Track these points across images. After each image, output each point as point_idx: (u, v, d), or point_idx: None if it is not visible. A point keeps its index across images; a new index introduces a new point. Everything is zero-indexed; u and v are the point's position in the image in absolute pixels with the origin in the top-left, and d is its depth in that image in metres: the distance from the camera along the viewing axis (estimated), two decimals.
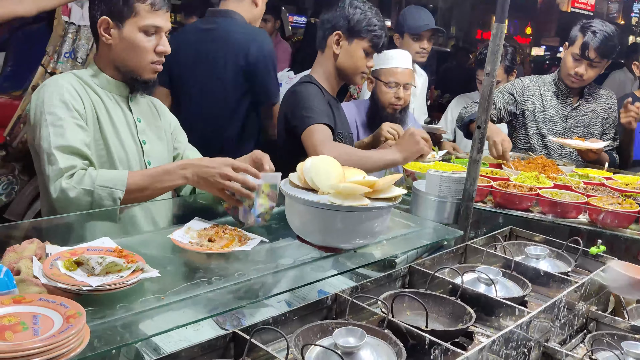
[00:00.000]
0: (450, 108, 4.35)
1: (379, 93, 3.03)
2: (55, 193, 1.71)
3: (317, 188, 1.66)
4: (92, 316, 1.17)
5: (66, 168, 1.74)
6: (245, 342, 1.22)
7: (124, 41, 1.89)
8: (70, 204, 1.72)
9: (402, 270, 1.73)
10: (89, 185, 1.72)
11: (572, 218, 2.24)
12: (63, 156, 1.75)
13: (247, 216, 1.74)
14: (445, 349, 1.31)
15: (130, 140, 1.94)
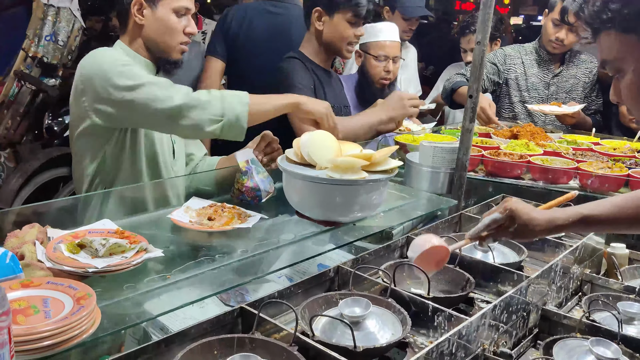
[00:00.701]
0: (441, 79, 4.35)
1: (368, 67, 3.02)
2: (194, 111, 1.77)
3: (314, 163, 1.66)
4: (99, 297, 1.17)
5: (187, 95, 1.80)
6: (253, 316, 1.24)
7: (157, 22, 1.92)
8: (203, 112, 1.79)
9: (400, 241, 1.76)
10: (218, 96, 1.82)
11: (563, 184, 2.27)
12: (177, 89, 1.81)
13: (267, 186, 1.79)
14: (449, 314, 1.34)
15: (164, 138, 2.02)
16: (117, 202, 1.78)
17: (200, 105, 1.78)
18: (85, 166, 1.90)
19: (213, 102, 1.81)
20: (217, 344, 1.16)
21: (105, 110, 1.81)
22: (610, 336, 1.46)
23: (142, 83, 1.78)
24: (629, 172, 2.21)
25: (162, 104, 1.76)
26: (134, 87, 1.77)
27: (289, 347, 1.15)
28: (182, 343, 1.16)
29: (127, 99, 1.76)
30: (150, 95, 1.76)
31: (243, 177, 1.74)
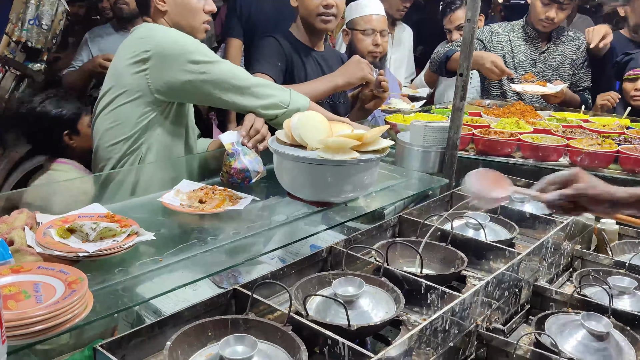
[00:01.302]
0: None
1: (357, 42, 2.99)
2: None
3: (305, 144, 1.65)
4: (92, 281, 1.16)
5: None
6: (246, 298, 1.24)
7: (178, 5, 1.96)
8: None
9: (392, 221, 1.76)
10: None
11: (553, 161, 2.28)
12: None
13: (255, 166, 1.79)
14: (442, 292, 1.35)
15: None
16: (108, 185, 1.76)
17: (270, 88, 1.96)
18: (122, 139, 1.92)
19: (281, 89, 2.01)
20: (211, 325, 1.16)
21: (175, 82, 1.85)
22: (601, 310, 1.47)
23: (219, 60, 1.90)
24: (618, 148, 2.22)
25: (238, 80, 1.89)
26: (213, 62, 1.87)
27: (283, 326, 1.15)
28: (176, 325, 1.16)
29: (206, 72, 1.85)
30: (228, 71, 1.89)
31: (230, 159, 1.73)
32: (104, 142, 1.93)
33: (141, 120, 1.89)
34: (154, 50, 1.83)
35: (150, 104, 1.88)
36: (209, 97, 1.90)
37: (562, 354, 1.25)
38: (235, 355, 1.04)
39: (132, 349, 1.10)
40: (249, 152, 1.79)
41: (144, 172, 1.86)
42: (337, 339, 1.10)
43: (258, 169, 1.80)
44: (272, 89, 1.98)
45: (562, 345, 1.32)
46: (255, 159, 1.80)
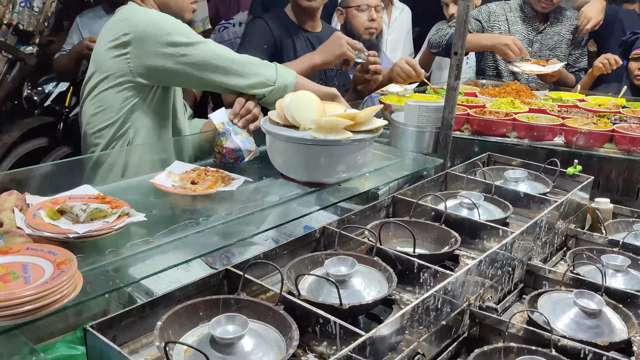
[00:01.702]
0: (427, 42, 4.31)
1: (352, 20, 2.95)
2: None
3: (298, 124, 1.64)
4: (82, 263, 1.15)
5: None
6: (238, 278, 1.23)
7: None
8: None
9: (386, 201, 1.75)
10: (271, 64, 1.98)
11: (549, 141, 2.28)
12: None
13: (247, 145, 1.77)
14: (434, 271, 1.34)
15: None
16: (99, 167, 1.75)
17: (255, 66, 1.91)
18: (107, 124, 1.89)
19: (267, 66, 1.95)
20: (202, 305, 1.15)
21: (156, 66, 1.82)
22: (594, 288, 1.47)
23: (201, 40, 1.85)
24: (613, 127, 2.21)
25: (220, 60, 1.84)
26: (193, 44, 1.82)
27: (275, 306, 1.15)
28: (167, 306, 1.15)
29: (186, 54, 1.81)
30: (211, 51, 1.84)
31: (221, 139, 1.71)
32: (90, 128, 1.91)
33: (125, 105, 1.86)
34: (133, 33, 1.79)
35: (134, 88, 1.85)
36: (192, 80, 1.87)
37: (554, 332, 1.25)
38: (226, 335, 1.03)
39: (123, 330, 1.10)
40: (240, 131, 1.78)
41: (135, 154, 1.85)
42: (329, 318, 1.10)
43: (250, 148, 1.79)
44: (257, 66, 1.93)
45: (554, 323, 1.32)
46: (247, 138, 1.79)
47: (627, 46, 3.13)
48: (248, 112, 1.86)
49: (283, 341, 1.10)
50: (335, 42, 2.31)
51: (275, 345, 1.09)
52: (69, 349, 1.19)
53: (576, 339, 1.26)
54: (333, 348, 1.12)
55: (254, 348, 1.05)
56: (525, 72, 3.13)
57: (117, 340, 1.09)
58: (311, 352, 1.14)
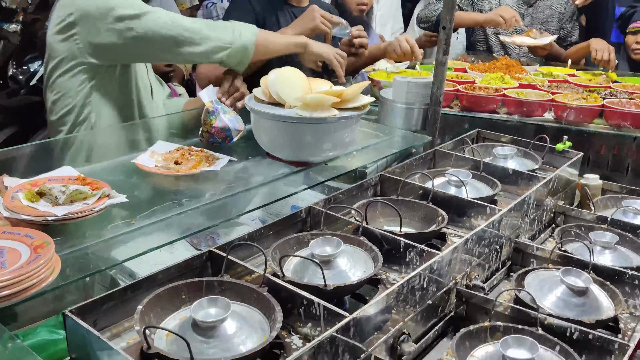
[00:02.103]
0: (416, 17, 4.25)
1: None
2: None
3: (283, 102, 1.61)
4: (61, 246, 1.13)
5: None
6: (222, 259, 1.21)
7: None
8: None
9: (373, 179, 1.73)
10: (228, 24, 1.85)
11: (538, 116, 2.26)
12: None
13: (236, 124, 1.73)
14: (420, 250, 1.33)
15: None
16: (80, 148, 1.71)
17: (209, 30, 1.79)
18: (67, 110, 1.82)
19: (222, 28, 1.82)
20: (185, 287, 1.14)
21: (105, 44, 1.73)
22: (582, 265, 1.47)
23: (147, 10, 1.73)
24: (603, 102, 2.19)
25: (170, 30, 1.73)
26: (139, 16, 1.72)
27: (259, 288, 1.13)
28: (149, 288, 1.13)
29: (133, 28, 1.71)
30: (158, 21, 1.73)
31: (211, 118, 1.67)
32: (53, 116, 1.84)
33: (82, 89, 1.79)
34: (77, 12, 1.71)
35: (87, 70, 1.78)
36: (143, 53, 1.79)
37: (540, 310, 1.25)
38: (207, 318, 1.02)
39: (104, 313, 1.08)
40: (228, 110, 1.74)
41: (115, 134, 1.81)
42: (313, 299, 1.09)
43: (239, 128, 1.75)
44: (210, 29, 1.79)
45: (541, 301, 1.32)
46: (235, 117, 1.75)
47: (625, 20, 3.09)
48: (236, 90, 1.82)
49: (267, 323, 1.08)
50: (308, 16, 2.20)
51: (259, 327, 1.08)
52: (50, 334, 1.17)
53: (562, 317, 1.25)
54: (318, 329, 1.11)
55: (236, 331, 1.03)
56: (517, 43, 3.10)
57: (98, 324, 1.07)
58: (295, 334, 1.13)
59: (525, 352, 1.12)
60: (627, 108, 2.12)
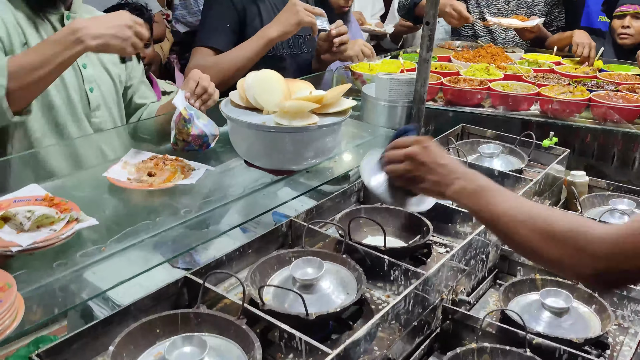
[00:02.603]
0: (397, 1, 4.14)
1: None
2: None
3: (260, 107, 1.54)
4: (26, 281, 1.06)
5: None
6: (199, 286, 1.16)
7: None
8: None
9: (357, 185, 1.68)
10: None
11: (524, 110, 2.20)
12: None
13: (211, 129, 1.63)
14: (405, 269, 1.29)
15: (72, 88, 1.69)
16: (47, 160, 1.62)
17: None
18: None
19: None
20: (159, 322, 1.08)
21: None
22: None
23: None
24: (590, 95, 2.14)
25: None
26: None
27: (237, 320, 1.08)
28: (122, 322, 1.08)
29: None
30: None
31: (188, 126, 1.58)
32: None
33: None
34: None
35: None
36: None
37: (528, 329, 1.21)
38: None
39: (75, 352, 1.03)
40: (200, 114, 1.65)
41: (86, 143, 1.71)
42: (294, 334, 1.04)
43: (215, 132, 1.67)
44: None
45: (529, 322, 1.28)
46: (209, 122, 1.66)
47: (611, 4, 3.02)
48: (204, 90, 1.71)
49: (246, 359, 1.04)
50: (291, 10, 2.08)
51: None
52: None
53: (551, 337, 1.22)
54: None
55: None
56: (504, 25, 3.02)
57: None
58: None
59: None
60: (613, 102, 2.08)
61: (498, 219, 1.02)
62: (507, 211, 1.01)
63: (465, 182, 1.09)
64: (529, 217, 0.98)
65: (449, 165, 1.13)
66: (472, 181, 1.08)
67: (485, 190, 1.06)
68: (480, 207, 1.05)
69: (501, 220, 1.01)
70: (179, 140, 1.60)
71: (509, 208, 1.01)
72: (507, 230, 1.01)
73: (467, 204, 1.09)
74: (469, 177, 1.10)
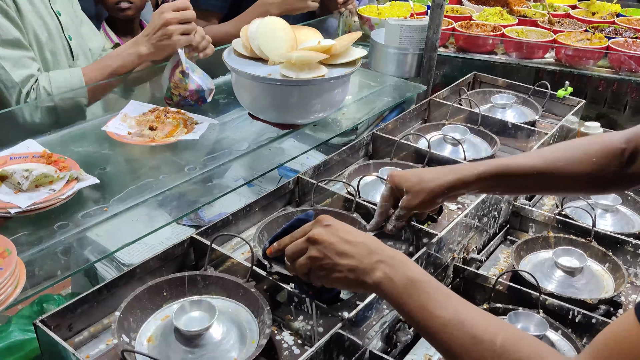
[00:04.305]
0: None
1: None
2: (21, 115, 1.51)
3: (265, 57, 1.46)
4: (27, 243, 1.03)
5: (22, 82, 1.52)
6: (205, 247, 1.12)
7: None
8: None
9: (365, 139, 1.62)
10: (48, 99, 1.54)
11: (539, 58, 2.12)
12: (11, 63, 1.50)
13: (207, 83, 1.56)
14: (418, 229, 1.25)
15: (47, 13, 1.62)
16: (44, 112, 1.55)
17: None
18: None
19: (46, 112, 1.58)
20: (166, 284, 1.05)
21: None
22: (583, 232, 1.41)
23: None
24: (608, 43, 2.05)
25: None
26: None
27: (246, 283, 1.05)
28: (128, 284, 1.05)
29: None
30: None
31: (186, 81, 1.51)
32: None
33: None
34: None
35: None
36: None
37: (542, 290, 1.19)
38: (191, 325, 0.94)
39: (79, 316, 1.00)
40: (195, 67, 1.56)
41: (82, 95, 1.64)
42: (304, 299, 1.01)
43: (211, 86, 1.58)
44: None
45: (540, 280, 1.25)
46: (204, 75, 1.57)
47: None
48: (202, 38, 1.63)
49: (255, 323, 1.01)
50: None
51: (247, 328, 1.01)
52: (23, 333, 1.10)
53: (564, 297, 1.20)
54: (310, 323, 1.04)
55: (223, 337, 0.96)
56: None
57: (74, 327, 0.99)
58: (286, 329, 1.06)
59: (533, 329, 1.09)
60: (632, 51, 1.99)
61: (436, 330, 0.78)
62: (448, 323, 0.77)
63: (390, 269, 0.84)
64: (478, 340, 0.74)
65: (366, 243, 0.88)
66: (398, 269, 0.84)
67: (417, 285, 0.82)
68: (412, 308, 0.81)
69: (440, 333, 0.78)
70: (174, 95, 1.53)
71: (451, 319, 0.77)
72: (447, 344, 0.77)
73: (393, 300, 0.83)
74: (394, 262, 0.85)
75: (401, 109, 1.96)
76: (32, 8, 1.59)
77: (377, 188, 1.41)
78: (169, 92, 1.49)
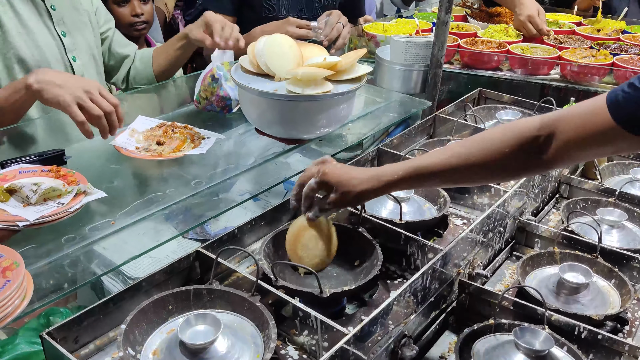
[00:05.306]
0: None
1: None
2: None
3: (272, 74, 1.48)
4: (35, 256, 1.04)
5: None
6: (211, 260, 1.13)
7: None
8: None
9: (370, 154, 1.63)
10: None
11: (544, 74, 2.13)
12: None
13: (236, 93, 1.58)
14: (422, 244, 1.25)
15: (46, 35, 1.65)
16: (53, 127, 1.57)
17: None
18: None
19: None
20: (172, 298, 1.06)
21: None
22: (589, 248, 1.41)
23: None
24: (613, 60, 2.06)
25: None
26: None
27: (251, 297, 1.06)
28: (134, 298, 1.06)
29: None
30: None
31: (214, 85, 1.52)
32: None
33: None
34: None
35: None
36: None
37: (547, 305, 1.18)
38: (196, 339, 0.95)
39: (86, 329, 1.00)
40: (229, 76, 1.58)
41: None
42: (309, 313, 1.01)
43: (238, 98, 1.61)
44: None
45: (546, 295, 1.25)
46: (236, 87, 1.60)
47: None
48: (232, 31, 1.66)
49: (260, 337, 1.02)
50: (281, 29, 1.94)
51: (252, 342, 1.01)
52: (29, 345, 1.10)
53: (570, 314, 1.20)
54: (315, 338, 1.04)
55: (228, 351, 0.97)
56: None
57: (80, 340, 1.00)
58: (291, 344, 1.07)
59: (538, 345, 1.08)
60: (639, 67, 2.00)
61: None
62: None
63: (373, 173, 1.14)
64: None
65: (355, 169, 1.16)
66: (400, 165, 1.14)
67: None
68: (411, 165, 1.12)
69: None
70: (201, 98, 1.55)
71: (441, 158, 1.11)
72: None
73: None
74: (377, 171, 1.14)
75: (406, 125, 1.97)
76: (24, 30, 1.61)
77: (382, 203, 1.42)
78: (199, 95, 1.51)
